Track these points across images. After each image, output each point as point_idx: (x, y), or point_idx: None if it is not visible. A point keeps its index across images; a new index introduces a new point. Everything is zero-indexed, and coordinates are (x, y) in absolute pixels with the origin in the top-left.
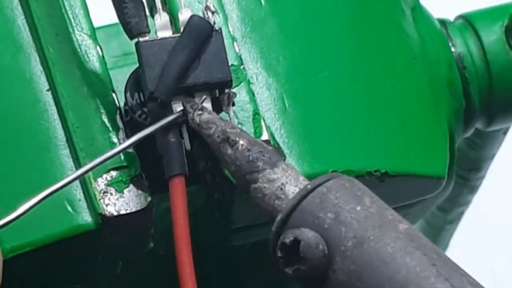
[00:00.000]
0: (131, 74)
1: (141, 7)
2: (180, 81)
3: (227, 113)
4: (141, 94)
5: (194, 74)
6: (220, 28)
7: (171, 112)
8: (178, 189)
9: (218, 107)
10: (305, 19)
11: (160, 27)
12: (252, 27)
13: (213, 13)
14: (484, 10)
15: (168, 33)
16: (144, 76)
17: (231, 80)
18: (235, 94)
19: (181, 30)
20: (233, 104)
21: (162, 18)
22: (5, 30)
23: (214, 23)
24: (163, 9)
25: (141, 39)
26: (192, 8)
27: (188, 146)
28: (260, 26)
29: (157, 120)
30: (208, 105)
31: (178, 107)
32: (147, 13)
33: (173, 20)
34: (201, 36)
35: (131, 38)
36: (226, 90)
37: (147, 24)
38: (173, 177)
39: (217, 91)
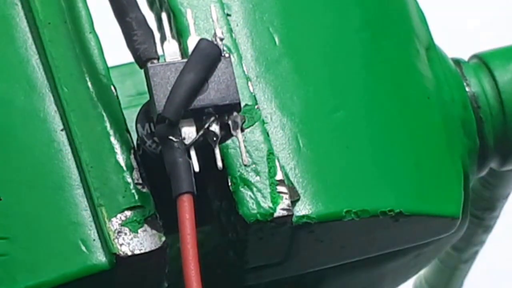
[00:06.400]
0: (142, 106)
1: (150, 34)
2: (188, 102)
3: (236, 137)
4: (151, 124)
5: (203, 96)
6: (229, 54)
7: (179, 133)
8: (185, 206)
9: (227, 131)
10: (319, 59)
11: (169, 54)
12: (266, 67)
13: (221, 39)
14: (499, 50)
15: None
16: (153, 98)
17: (240, 103)
18: (244, 118)
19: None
20: (242, 130)
21: (171, 45)
22: (20, 70)
23: (223, 49)
24: (172, 37)
25: (149, 64)
26: (201, 36)
27: (196, 167)
28: (275, 65)
29: (165, 142)
30: (216, 127)
31: (186, 130)
32: (157, 41)
33: (182, 47)
34: (209, 58)
35: (141, 65)
36: (235, 113)
37: (156, 50)
38: (181, 195)
39: (226, 116)
